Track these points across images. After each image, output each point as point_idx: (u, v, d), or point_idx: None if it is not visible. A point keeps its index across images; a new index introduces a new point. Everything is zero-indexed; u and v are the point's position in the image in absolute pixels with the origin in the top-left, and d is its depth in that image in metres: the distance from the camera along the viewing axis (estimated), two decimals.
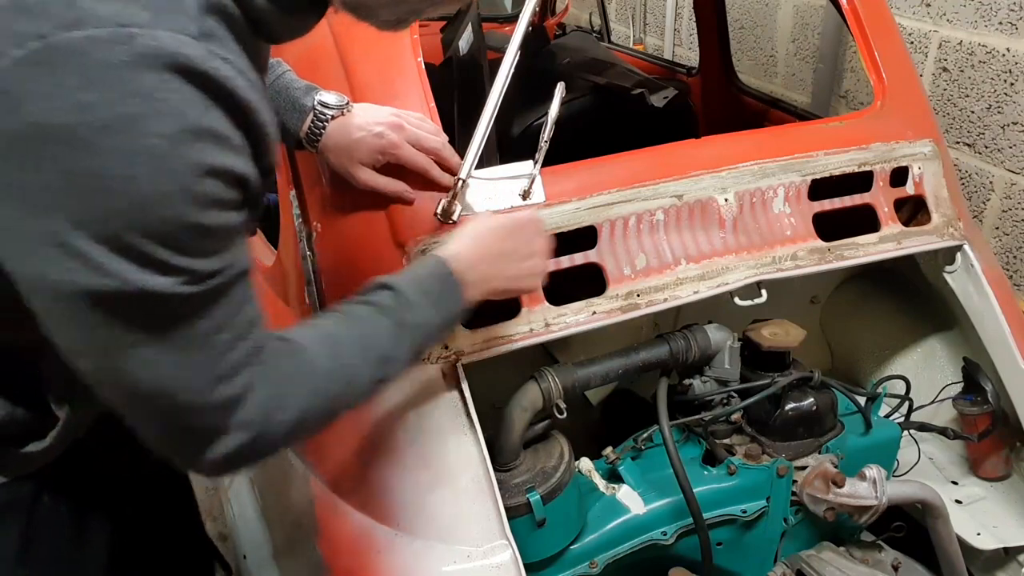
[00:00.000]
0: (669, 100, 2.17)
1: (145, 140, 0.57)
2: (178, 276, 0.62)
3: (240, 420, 0.71)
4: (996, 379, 1.41)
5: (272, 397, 0.74)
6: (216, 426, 0.70)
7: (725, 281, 1.27)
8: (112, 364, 0.65)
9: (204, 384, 0.68)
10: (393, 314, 0.86)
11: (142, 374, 0.65)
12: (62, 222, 0.58)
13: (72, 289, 0.60)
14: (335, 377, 0.80)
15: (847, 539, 1.34)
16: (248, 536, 1.50)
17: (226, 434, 0.71)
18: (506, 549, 1.04)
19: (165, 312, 0.64)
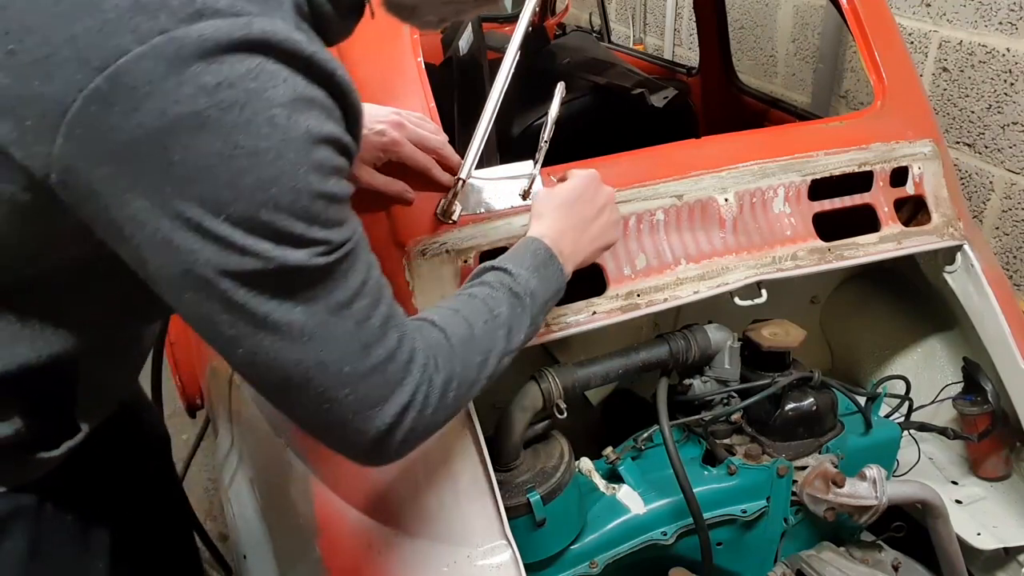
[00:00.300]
0: (669, 100, 2.17)
1: (266, 112, 0.59)
2: (313, 247, 0.64)
3: (396, 379, 0.72)
4: (996, 379, 1.41)
5: (420, 353, 0.75)
6: (374, 393, 0.71)
7: (725, 281, 1.27)
8: (261, 347, 0.65)
9: (354, 351, 0.69)
10: (508, 289, 0.88)
11: (291, 352, 0.66)
12: (197, 208, 0.59)
13: (214, 274, 0.61)
14: (472, 346, 0.81)
15: (847, 539, 1.34)
16: (248, 536, 1.49)
17: (386, 401, 0.71)
18: (506, 549, 1.04)
19: (305, 286, 0.65)
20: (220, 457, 1.73)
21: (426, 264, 1.12)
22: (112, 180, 0.59)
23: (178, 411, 2.59)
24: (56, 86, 0.57)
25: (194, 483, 2.51)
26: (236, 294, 0.62)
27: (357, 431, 0.72)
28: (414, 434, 0.75)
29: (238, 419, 1.61)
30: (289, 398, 0.70)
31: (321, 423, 0.71)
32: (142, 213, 0.60)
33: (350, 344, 0.68)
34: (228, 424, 1.71)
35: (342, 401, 0.70)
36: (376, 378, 0.70)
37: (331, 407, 0.70)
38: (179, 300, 0.65)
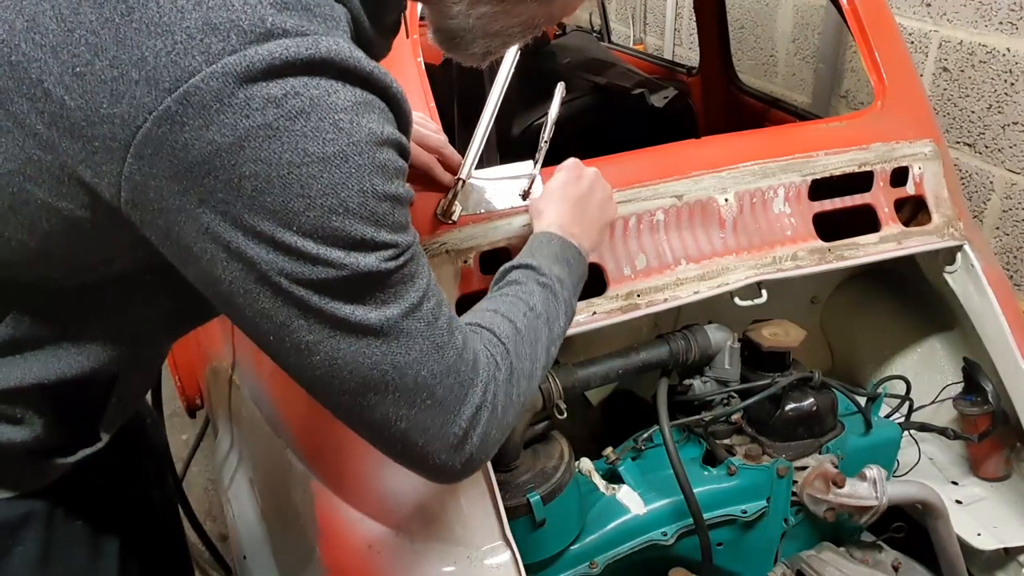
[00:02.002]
0: (669, 100, 2.17)
1: (331, 117, 0.60)
2: (382, 251, 0.64)
3: (467, 380, 0.72)
4: (996, 379, 1.41)
5: (482, 353, 0.75)
6: (450, 396, 0.71)
7: (725, 281, 1.27)
8: (339, 352, 0.65)
9: (428, 352, 0.69)
10: (535, 282, 0.89)
11: (370, 355, 0.66)
12: (269, 220, 0.60)
13: (289, 284, 0.62)
14: (521, 340, 0.81)
15: (847, 539, 1.34)
16: (248, 536, 1.49)
17: (461, 403, 0.71)
18: (506, 550, 1.04)
19: (377, 289, 0.65)
20: (220, 457, 1.73)
21: None
22: (183, 198, 0.60)
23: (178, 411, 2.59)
24: (125, 107, 0.58)
25: (194, 483, 2.51)
26: (311, 300, 0.63)
27: (436, 438, 0.71)
28: (489, 439, 0.75)
29: (238, 419, 1.61)
30: (366, 409, 0.70)
31: (400, 433, 0.71)
32: (213, 228, 0.61)
33: (424, 345, 0.69)
34: (228, 424, 1.71)
35: (421, 406, 0.70)
36: (451, 379, 0.71)
37: (410, 414, 0.70)
38: (252, 313, 0.65)
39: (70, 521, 0.91)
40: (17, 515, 0.86)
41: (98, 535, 0.96)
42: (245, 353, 1.57)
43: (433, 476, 0.76)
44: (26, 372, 0.78)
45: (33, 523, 0.87)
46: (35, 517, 0.87)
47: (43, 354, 0.78)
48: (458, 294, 1.14)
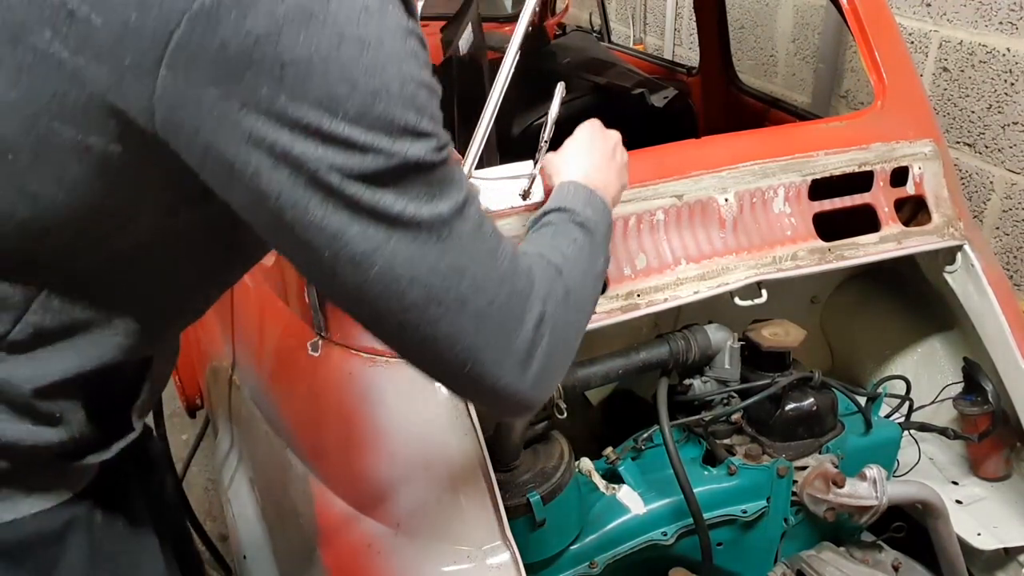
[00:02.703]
0: (669, 100, 2.17)
1: (361, 1, 0.59)
2: (427, 141, 0.63)
3: (525, 288, 0.70)
4: (996, 379, 1.41)
5: (534, 264, 0.73)
6: (511, 304, 0.69)
7: (725, 281, 1.27)
8: (397, 256, 0.63)
9: (484, 256, 0.67)
10: (570, 221, 0.87)
11: (425, 264, 0.64)
12: (314, 110, 0.58)
13: (340, 179, 0.60)
14: (571, 263, 0.80)
15: (847, 539, 1.34)
16: (248, 536, 1.49)
17: (524, 311, 0.69)
18: (506, 549, 1.04)
19: (428, 183, 0.63)
20: (220, 457, 1.73)
21: None
22: (223, 104, 0.58)
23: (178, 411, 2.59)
24: (155, 15, 0.55)
25: (194, 483, 2.51)
26: (363, 197, 0.61)
27: (503, 353, 0.69)
28: (554, 360, 0.72)
29: (238, 419, 1.61)
30: (430, 326, 0.66)
31: (466, 352, 0.68)
32: (257, 132, 0.58)
33: (477, 248, 0.67)
34: (228, 424, 1.71)
35: (483, 317, 0.67)
36: (508, 287, 0.68)
37: (473, 327, 0.67)
38: (302, 230, 0.62)
39: (109, 525, 0.89)
40: (60, 524, 0.83)
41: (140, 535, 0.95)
42: (245, 353, 1.57)
43: (503, 402, 0.72)
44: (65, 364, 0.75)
45: (77, 530, 0.85)
46: (78, 524, 0.85)
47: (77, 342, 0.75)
48: None
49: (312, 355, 1.23)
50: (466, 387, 0.72)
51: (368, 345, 1.15)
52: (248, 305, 1.58)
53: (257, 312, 1.52)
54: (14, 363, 0.73)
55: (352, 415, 1.16)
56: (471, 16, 1.85)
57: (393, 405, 1.12)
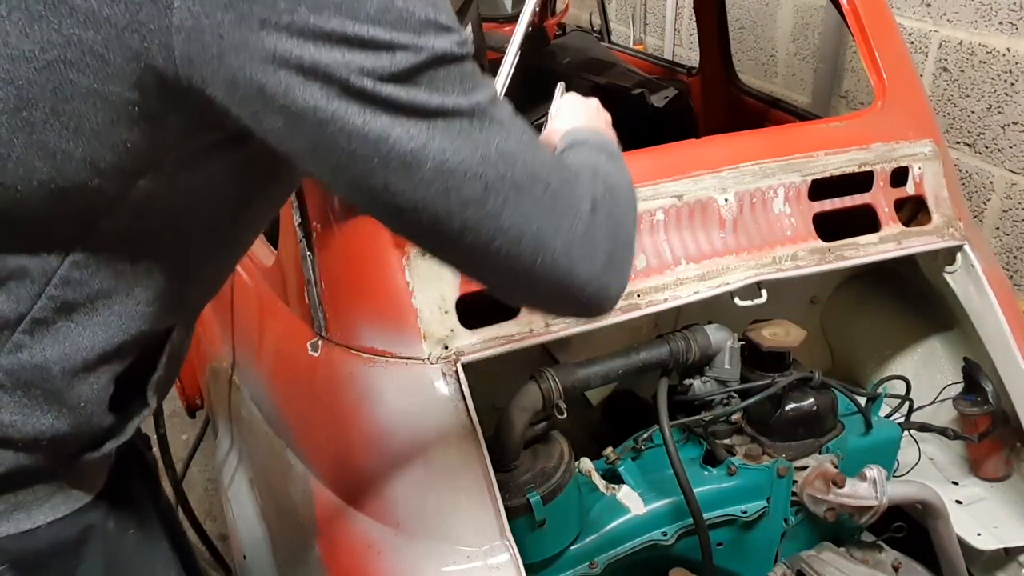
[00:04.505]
0: (669, 100, 2.17)
1: None
2: (450, 35, 0.62)
3: (571, 173, 0.69)
4: (996, 379, 1.41)
5: (570, 156, 0.73)
6: (566, 187, 0.68)
7: (725, 281, 1.27)
8: (445, 150, 0.62)
9: (525, 141, 0.66)
10: (585, 145, 0.85)
11: (476, 153, 0.63)
12: (335, 16, 0.58)
13: (373, 83, 0.59)
14: (605, 167, 0.78)
15: (847, 539, 1.34)
16: (248, 536, 1.49)
17: (577, 194, 0.69)
18: (506, 550, 1.04)
19: (459, 76, 0.63)
20: (220, 457, 1.73)
21: (426, 264, 1.12)
22: (242, 28, 0.57)
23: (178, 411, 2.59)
24: None
25: (194, 483, 2.51)
26: (401, 95, 0.60)
27: (569, 240, 0.68)
28: (616, 246, 0.72)
29: (238, 419, 1.61)
30: (494, 218, 0.65)
31: (535, 242, 0.67)
32: (282, 50, 0.58)
33: (519, 133, 0.66)
34: (228, 424, 1.71)
35: (542, 201, 0.66)
36: (557, 172, 0.68)
37: (536, 212, 0.66)
38: (345, 143, 0.61)
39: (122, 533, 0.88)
40: (76, 533, 0.82)
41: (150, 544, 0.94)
42: (245, 353, 1.57)
43: (582, 293, 0.71)
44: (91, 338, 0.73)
45: (92, 539, 0.84)
46: (93, 532, 0.84)
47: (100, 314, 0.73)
48: (458, 294, 1.14)
49: (312, 355, 1.23)
50: (541, 287, 0.70)
51: (368, 345, 1.15)
52: (248, 305, 1.58)
53: (257, 312, 1.52)
54: (40, 344, 0.71)
55: (352, 415, 1.16)
56: (471, 16, 1.85)
57: (393, 405, 1.12)
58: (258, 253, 1.57)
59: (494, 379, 1.22)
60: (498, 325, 1.15)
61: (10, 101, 0.60)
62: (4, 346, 0.70)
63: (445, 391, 1.10)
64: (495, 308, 1.14)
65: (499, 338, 1.15)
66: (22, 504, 0.77)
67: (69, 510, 0.81)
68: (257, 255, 1.56)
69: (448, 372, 1.11)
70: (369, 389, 1.14)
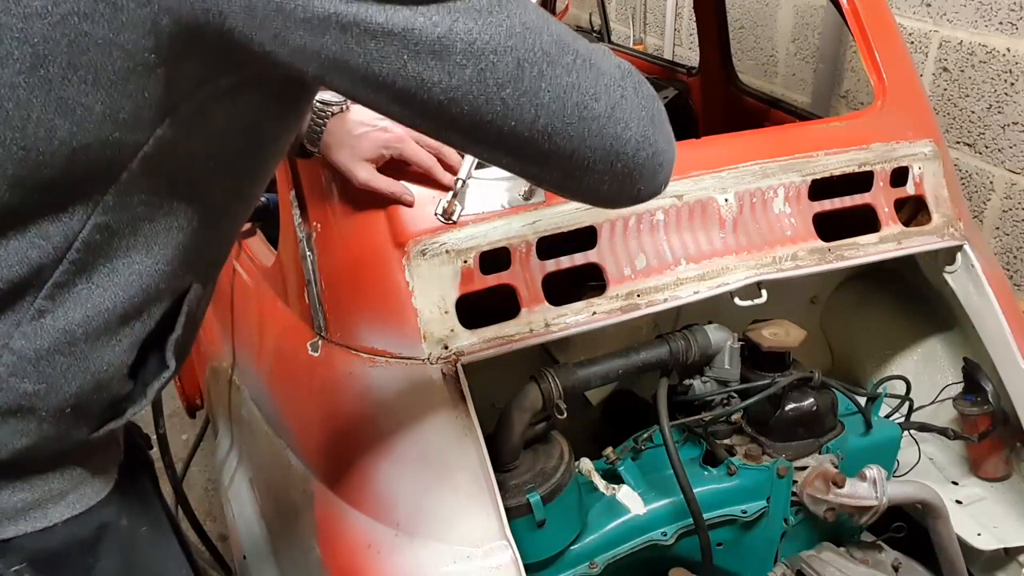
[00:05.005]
0: (669, 100, 2.17)
1: None
2: None
3: (593, 50, 0.69)
4: (996, 379, 1.41)
5: None
6: (595, 55, 0.68)
7: (725, 281, 1.27)
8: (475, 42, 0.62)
9: (543, 16, 0.66)
10: None
11: (503, 29, 0.63)
12: None
13: None
14: None
15: (847, 539, 1.34)
16: (248, 536, 1.50)
17: (607, 61, 0.69)
18: (506, 549, 1.04)
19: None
20: (220, 457, 1.73)
21: (426, 264, 1.12)
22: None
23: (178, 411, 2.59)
24: None
25: (194, 483, 2.51)
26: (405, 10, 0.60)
27: (614, 103, 0.68)
28: (656, 114, 0.72)
29: (238, 419, 1.61)
30: (540, 92, 0.65)
31: (581, 105, 0.67)
32: None
33: (538, 10, 0.66)
34: (228, 424, 1.71)
35: (578, 68, 0.66)
36: (580, 42, 0.68)
37: (578, 82, 0.66)
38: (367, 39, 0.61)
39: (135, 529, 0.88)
40: (92, 530, 0.82)
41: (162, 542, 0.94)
42: (245, 353, 1.57)
43: (634, 160, 0.71)
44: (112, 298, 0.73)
45: (108, 536, 0.84)
46: (108, 529, 0.84)
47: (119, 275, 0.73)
48: (458, 294, 1.14)
49: (312, 355, 1.23)
50: (597, 164, 0.70)
51: (368, 345, 1.15)
52: (248, 305, 1.58)
53: (257, 312, 1.52)
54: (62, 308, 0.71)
55: (352, 415, 1.16)
56: None
57: (393, 405, 1.12)
58: (258, 253, 1.57)
59: (494, 379, 1.22)
60: (498, 325, 1.15)
61: (26, 60, 0.60)
62: (27, 313, 0.70)
63: (445, 391, 1.10)
64: (495, 308, 1.14)
65: (499, 338, 1.15)
66: (38, 502, 0.77)
67: (84, 507, 0.82)
68: (257, 255, 1.56)
69: (448, 372, 1.11)
70: (369, 389, 1.14)
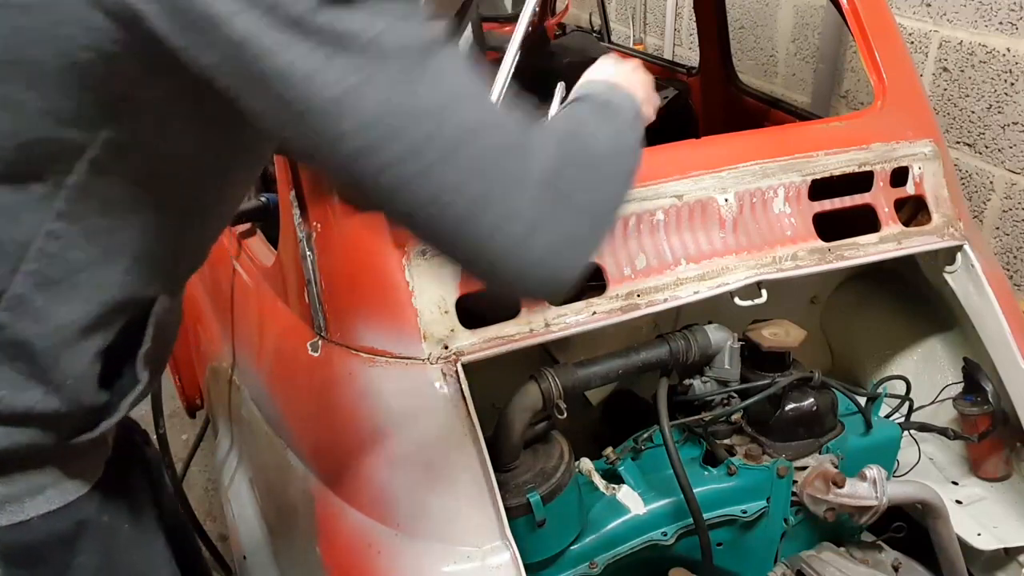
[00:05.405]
0: (669, 100, 2.17)
1: None
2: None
3: (524, 142, 0.64)
4: (996, 379, 1.41)
5: (544, 130, 0.68)
6: (511, 156, 0.63)
7: (725, 281, 1.27)
8: (384, 86, 0.59)
9: (473, 92, 0.63)
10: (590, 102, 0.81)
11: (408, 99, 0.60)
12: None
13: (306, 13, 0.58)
14: (591, 132, 0.74)
15: (847, 539, 1.34)
16: (248, 536, 1.50)
17: (528, 166, 0.64)
18: (506, 549, 1.04)
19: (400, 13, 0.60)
20: (220, 457, 1.73)
21: (426, 264, 1.12)
22: None
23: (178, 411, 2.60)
24: None
25: (194, 483, 2.51)
26: (337, 23, 0.58)
27: (505, 208, 0.63)
28: (574, 226, 0.66)
29: (238, 419, 1.61)
30: (417, 178, 0.61)
31: (463, 205, 0.62)
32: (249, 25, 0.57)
33: (467, 85, 0.63)
34: (228, 424, 1.71)
35: (474, 163, 0.61)
36: (504, 132, 0.64)
37: (465, 178, 0.61)
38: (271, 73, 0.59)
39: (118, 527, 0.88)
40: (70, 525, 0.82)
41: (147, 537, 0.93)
42: (245, 353, 1.57)
43: (515, 274, 0.66)
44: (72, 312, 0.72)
45: (87, 532, 0.83)
46: (88, 526, 0.83)
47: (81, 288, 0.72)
48: (458, 294, 1.14)
49: (312, 355, 1.23)
50: (470, 257, 0.66)
51: (368, 345, 1.15)
52: (248, 305, 1.58)
53: (257, 312, 1.52)
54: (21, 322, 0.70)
55: (352, 415, 1.16)
56: (471, 16, 1.85)
57: (393, 405, 1.12)
58: (258, 253, 1.57)
59: (494, 379, 1.22)
60: (498, 325, 1.15)
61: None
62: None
63: (445, 391, 1.10)
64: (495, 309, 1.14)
65: (499, 338, 1.15)
66: (14, 496, 0.77)
67: (62, 502, 0.81)
68: (257, 255, 1.56)
69: (448, 372, 1.11)
70: (369, 389, 1.14)
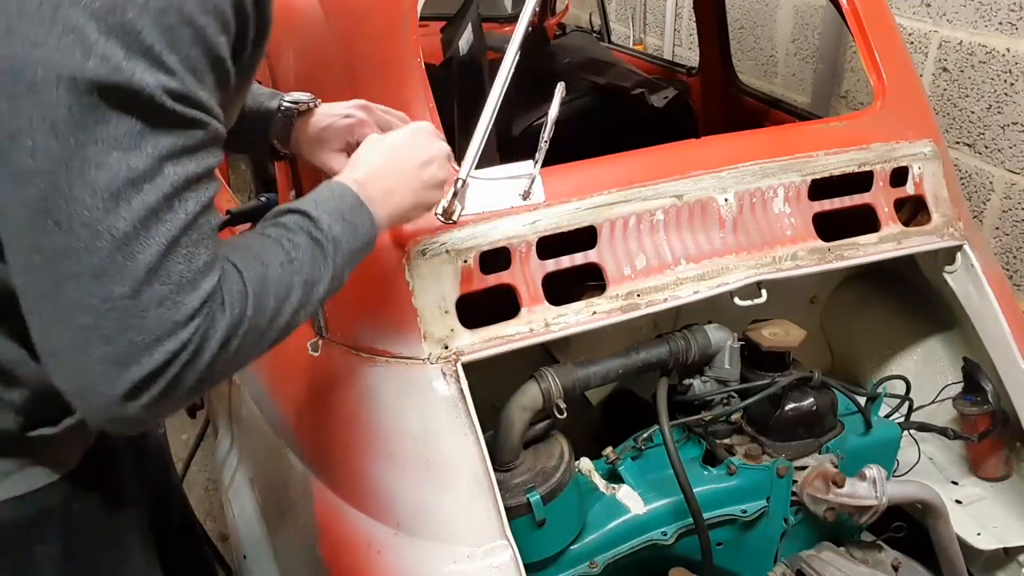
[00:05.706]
0: (669, 100, 2.17)
1: None
2: (165, 77, 0.60)
3: (183, 300, 0.64)
4: (996, 379, 1.41)
5: (215, 282, 0.67)
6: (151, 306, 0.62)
7: (725, 281, 1.27)
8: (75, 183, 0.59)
9: (137, 212, 0.61)
10: (307, 234, 0.81)
11: (95, 205, 0.59)
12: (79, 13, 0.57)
13: (56, 79, 0.57)
14: (266, 288, 0.74)
15: (847, 539, 1.34)
16: (248, 536, 1.50)
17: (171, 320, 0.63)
18: (506, 549, 1.04)
19: (143, 119, 0.60)
20: (220, 457, 1.73)
21: (426, 264, 1.12)
22: None
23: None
24: None
25: (194, 483, 2.51)
26: (77, 104, 0.58)
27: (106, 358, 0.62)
28: (175, 394, 0.66)
29: (238, 419, 1.61)
30: (60, 280, 0.61)
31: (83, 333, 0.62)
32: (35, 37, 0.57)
33: (138, 202, 0.61)
34: (228, 424, 1.71)
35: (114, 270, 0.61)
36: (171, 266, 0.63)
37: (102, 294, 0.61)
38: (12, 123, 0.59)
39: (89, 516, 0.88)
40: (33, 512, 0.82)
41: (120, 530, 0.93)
42: None
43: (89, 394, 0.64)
44: None
45: (51, 520, 0.84)
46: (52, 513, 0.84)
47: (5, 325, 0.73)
48: (458, 294, 1.14)
49: (312, 355, 1.23)
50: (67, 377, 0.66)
51: (368, 345, 1.15)
52: None
53: None
54: None
55: (352, 415, 1.16)
56: (471, 16, 1.85)
57: (393, 405, 1.12)
58: None
59: (494, 379, 1.22)
60: (498, 325, 1.15)
61: None
62: None
63: (445, 391, 1.10)
64: (495, 309, 1.14)
65: (499, 338, 1.15)
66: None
67: (27, 489, 0.81)
68: None
69: (448, 372, 1.11)
70: (369, 389, 1.14)
